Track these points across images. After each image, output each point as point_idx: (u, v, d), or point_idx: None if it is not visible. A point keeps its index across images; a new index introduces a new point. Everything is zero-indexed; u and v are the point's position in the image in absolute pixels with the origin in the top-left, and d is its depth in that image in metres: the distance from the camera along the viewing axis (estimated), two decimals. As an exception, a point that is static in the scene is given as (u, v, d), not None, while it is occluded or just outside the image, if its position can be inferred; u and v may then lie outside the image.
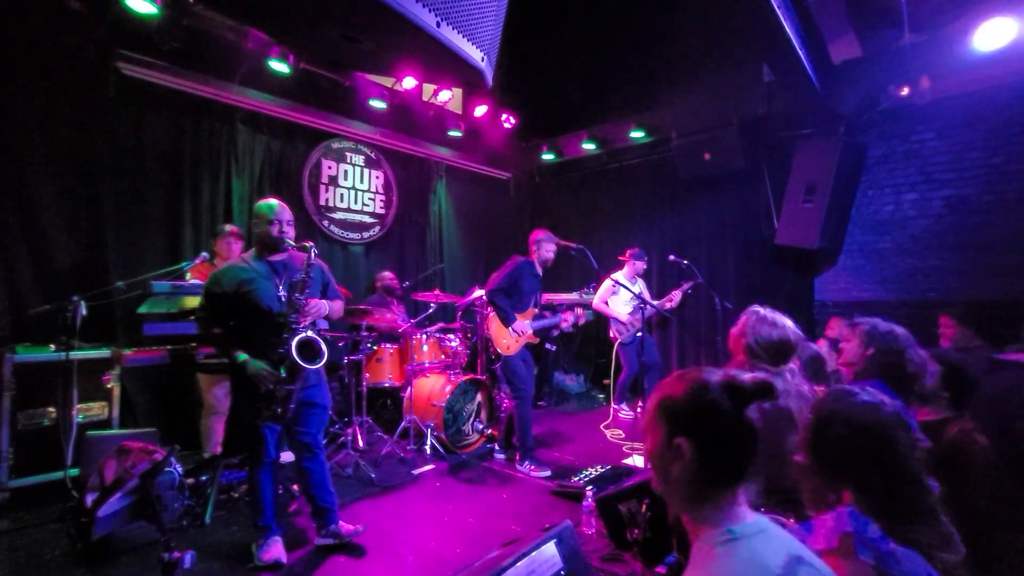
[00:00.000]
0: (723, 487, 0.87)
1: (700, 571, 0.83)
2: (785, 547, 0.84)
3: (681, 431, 0.89)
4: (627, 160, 6.41)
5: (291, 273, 2.47)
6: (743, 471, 0.88)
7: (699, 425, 0.88)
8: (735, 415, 0.87)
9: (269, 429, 2.44)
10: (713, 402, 0.87)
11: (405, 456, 3.87)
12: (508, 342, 3.76)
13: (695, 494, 0.89)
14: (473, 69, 1.00)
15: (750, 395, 0.87)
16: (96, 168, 3.70)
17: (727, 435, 0.87)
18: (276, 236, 2.43)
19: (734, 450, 0.87)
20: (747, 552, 0.82)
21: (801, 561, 0.83)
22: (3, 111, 3.33)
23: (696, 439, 0.87)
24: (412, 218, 6.05)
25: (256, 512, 2.51)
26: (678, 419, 0.90)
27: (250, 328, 2.39)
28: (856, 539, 1.07)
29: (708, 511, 0.87)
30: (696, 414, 0.89)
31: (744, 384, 0.87)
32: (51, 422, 3.07)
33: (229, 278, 2.38)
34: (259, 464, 2.48)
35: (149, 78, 3.89)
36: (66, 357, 3.02)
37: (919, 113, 4.44)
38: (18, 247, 3.40)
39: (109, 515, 1.82)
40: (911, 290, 4.55)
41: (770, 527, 0.87)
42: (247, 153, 4.56)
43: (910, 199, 4.58)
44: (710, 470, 0.87)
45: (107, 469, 1.90)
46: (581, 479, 3.28)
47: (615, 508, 2.51)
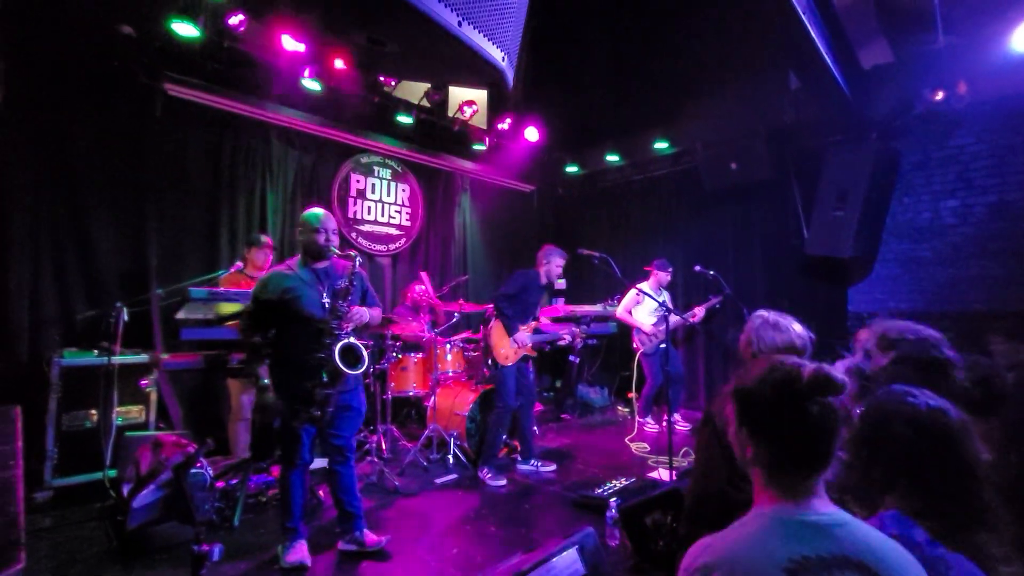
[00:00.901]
0: (793, 475, 0.89)
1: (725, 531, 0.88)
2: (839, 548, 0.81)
3: (745, 419, 0.94)
4: (651, 171, 6.39)
5: (333, 280, 2.53)
6: (811, 462, 0.88)
7: (758, 417, 0.92)
8: (793, 409, 0.87)
9: (305, 431, 2.48)
10: (773, 395, 0.89)
11: (428, 465, 3.88)
12: (507, 352, 3.76)
13: (767, 476, 0.92)
14: (494, 69, 1.04)
15: (807, 388, 0.87)
16: (142, 182, 3.91)
17: (785, 427, 0.88)
18: (322, 244, 2.49)
19: (796, 442, 0.88)
20: (767, 535, 0.83)
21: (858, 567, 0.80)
22: (60, 129, 3.57)
23: (756, 429, 0.92)
24: (437, 230, 6.15)
25: (285, 513, 2.54)
26: (743, 408, 0.95)
27: (292, 333, 2.44)
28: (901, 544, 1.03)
29: (778, 493, 0.90)
30: (758, 405, 0.92)
31: (800, 377, 0.88)
32: (92, 424, 3.21)
33: (275, 284, 2.46)
34: (292, 466, 2.51)
35: (192, 98, 4.11)
36: (108, 361, 3.17)
37: (957, 117, 4.30)
38: (68, 257, 3.61)
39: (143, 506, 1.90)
40: (952, 300, 4.36)
41: (839, 524, 0.85)
42: (280, 167, 4.74)
43: (950, 206, 4.41)
44: (776, 458, 0.90)
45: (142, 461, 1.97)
46: (605, 491, 3.23)
47: (640, 519, 2.46)
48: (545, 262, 3.87)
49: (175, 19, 3.50)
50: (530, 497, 3.42)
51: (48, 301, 3.51)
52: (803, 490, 0.88)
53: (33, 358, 3.35)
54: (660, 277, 5.08)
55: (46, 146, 3.52)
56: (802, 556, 0.79)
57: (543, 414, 5.74)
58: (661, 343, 5.03)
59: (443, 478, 3.68)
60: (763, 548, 0.81)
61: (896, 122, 4.51)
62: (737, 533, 0.87)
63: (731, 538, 0.86)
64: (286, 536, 2.52)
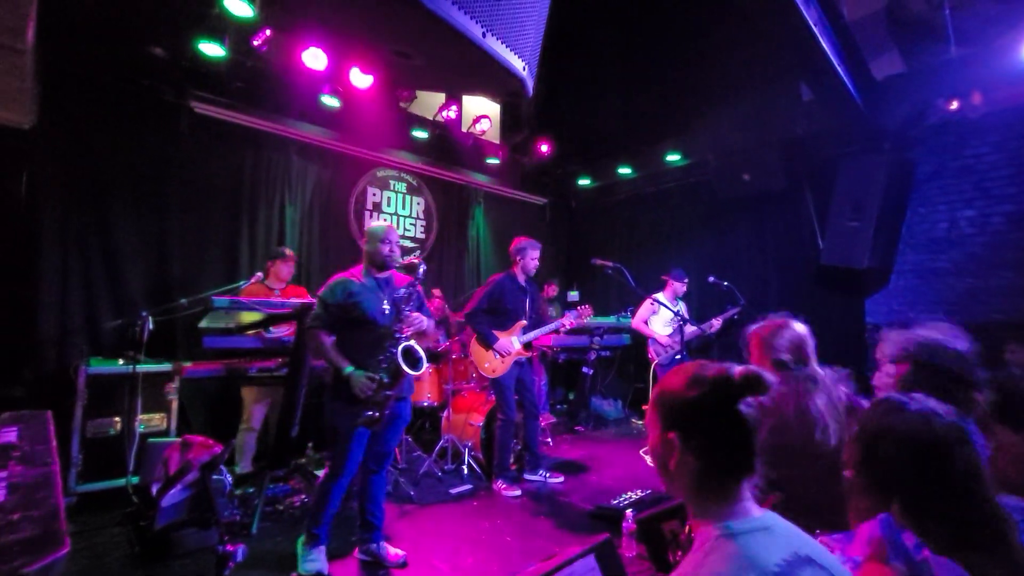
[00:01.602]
0: (722, 481, 0.86)
1: (689, 568, 0.80)
2: (791, 546, 0.81)
3: (672, 426, 0.88)
4: (664, 184, 6.42)
5: (394, 291, 2.65)
6: (741, 466, 0.86)
7: (689, 420, 0.88)
8: (725, 410, 0.85)
9: (358, 441, 2.50)
10: (702, 396, 0.86)
11: (443, 476, 3.89)
12: (492, 364, 3.69)
13: (694, 487, 0.87)
14: (515, 78, 1.08)
15: (738, 389, 0.85)
16: (166, 196, 4.04)
17: (718, 430, 0.86)
18: (386, 255, 2.63)
19: (727, 445, 0.86)
20: (742, 549, 0.79)
21: (809, 561, 0.80)
22: (89, 147, 3.71)
23: (687, 434, 0.87)
24: (451, 243, 6.23)
25: (313, 518, 2.53)
26: (670, 413, 0.90)
27: (355, 337, 2.54)
28: (888, 546, 1.02)
29: (709, 505, 0.86)
30: (686, 409, 0.88)
31: (732, 377, 0.86)
32: (116, 431, 3.28)
33: (341, 289, 2.56)
34: (338, 474, 2.51)
35: (216, 115, 4.26)
36: (133, 369, 3.25)
37: (972, 127, 4.28)
38: (95, 269, 3.73)
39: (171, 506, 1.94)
40: (973, 312, 4.29)
41: (777, 524, 0.85)
42: (300, 181, 4.87)
43: (967, 216, 4.37)
44: (705, 464, 0.86)
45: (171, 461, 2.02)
46: (620, 502, 3.21)
47: (657, 529, 2.43)
48: (519, 258, 3.75)
49: (202, 39, 3.64)
50: (545, 508, 3.41)
51: (76, 312, 3.62)
52: (736, 496, 0.85)
53: (61, 366, 3.45)
54: (676, 287, 5.06)
55: (76, 163, 3.66)
56: (782, 560, 0.77)
57: (556, 426, 5.71)
58: (676, 354, 5.00)
59: (458, 488, 3.68)
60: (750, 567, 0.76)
61: (910, 132, 4.50)
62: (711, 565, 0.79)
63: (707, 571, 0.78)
64: (308, 541, 2.52)
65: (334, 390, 2.54)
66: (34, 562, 0.82)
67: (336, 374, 2.50)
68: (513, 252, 3.81)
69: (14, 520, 0.97)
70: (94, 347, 3.60)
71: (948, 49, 4.32)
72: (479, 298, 3.73)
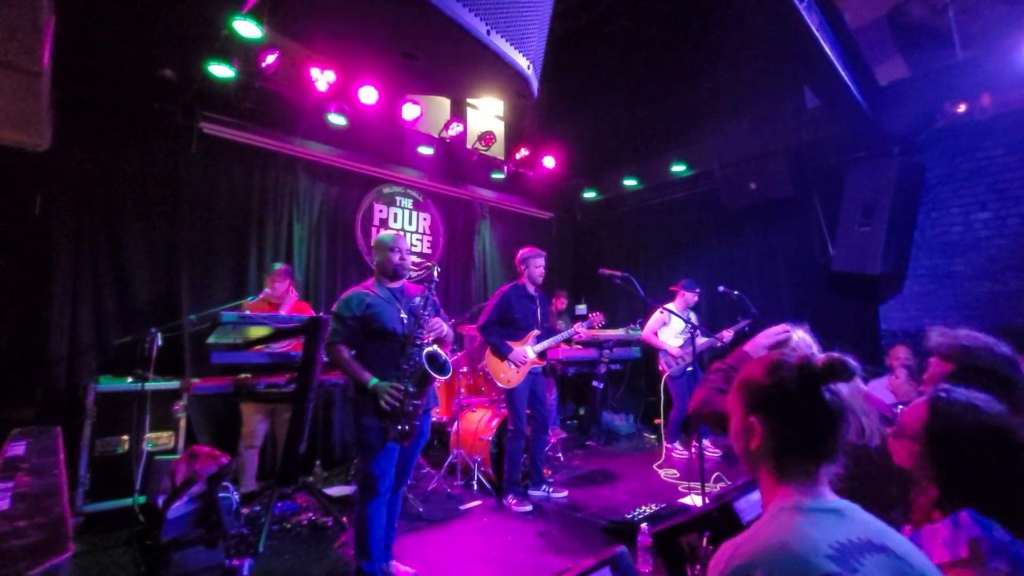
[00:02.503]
0: (801, 464, 0.88)
1: (748, 532, 0.83)
2: (864, 533, 0.80)
3: (754, 410, 0.93)
4: (670, 194, 6.40)
5: (409, 300, 2.61)
6: (820, 451, 0.88)
7: (771, 405, 0.92)
8: (808, 396, 0.87)
9: (389, 456, 2.39)
10: (784, 382, 0.90)
11: (452, 492, 3.81)
12: (507, 375, 3.65)
13: (774, 468, 0.91)
14: (521, 77, 1.08)
15: (820, 375, 0.87)
16: (176, 215, 4.09)
17: (798, 415, 0.89)
18: (396, 263, 2.58)
19: (807, 430, 0.89)
20: (801, 524, 0.81)
21: (882, 550, 0.78)
22: (101, 169, 3.78)
23: (769, 418, 0.91)
24: (458, 258, 6.23)
25: (361, 552, 2.34)
26: (752, 399, 0.95)
27: (375, 350, 2.48)
28: (986, 544, 0.98)
29: (786, 485, 0.89)
30: (768, 394, 0.92)
31: (814, 364, 0.88)
32: (124, 450, 3.26)
33: (357, 302, 2.50)
34: (374, 493, 2.35)
35: (225, 135, 4.32)
36: (142, 387, 3.24)
37: (983, 129, 4.24)
38: (105, 287, 3.76)
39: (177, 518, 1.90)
40: (994, 316, 4.18)
41: (853, 512, 0.85)
42: (307, 199, 4.91)
43: (982, 218, 4.30)
44: (785, 447, 0.90)
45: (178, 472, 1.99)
46: (635, 516, 3.11)
47: (675, 543, 2.35)
48: (524, 268, 3.77)
49: (211, 61, 3.72)
50: (557, 523, 3.32)
51: (85, 330, 3.63)
52: (813, 479, 0.88)
53: (71, 385, 3.46)
54: (687, 297, 4.99)
55: (88, 184, 3.72)
56: (838, 543, 0.77)
57: (567, 441, 5.61)
58: (688, 366, 4.92)
59: (467, 504, 3.60)
60: (803, 539, 0.78)
61: (918, 136, 4.47)
62: (768, 530, 0.83)
63: (763, 535, 0.82)
64: None
65: (361, 404, 2.43)
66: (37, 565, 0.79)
67: (360, 388, 2.41)
68: (518, 262, 3.83)
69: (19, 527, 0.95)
70: (103, 365, 3.61)
71: (953, 53, 4.31)
72: (489, 310, 3.72)
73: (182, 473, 1.90)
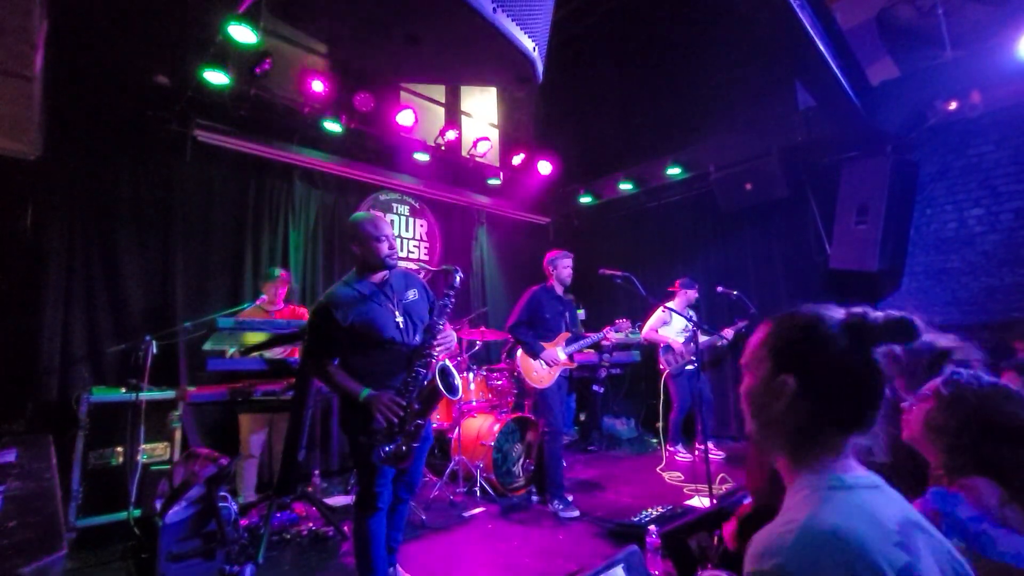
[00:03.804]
0: (832, 433, 0.78)
1: (799, 514, 0.71)
2: (902, 509, 0.75)
3: (789, 367, 0.80)
4: (666, 197, 6.42)
5: (401, 295, 2.24)
6: (858, 418, 0.78)
7: (810, 362, 0.79)
8: (856, 354, 0.77)
9: (386, 474, 2.13)
10: (830, 337, 0.78)
11: (455, 499, 3.75)
12: (540, 375, 3.64)
13: (798, 437, 0.79)
14: (526, 60, 1.06)
15: (879, 334, 0.76)
16: (170, 223, 4.05)
17: (843, 376, 0.77)
18: (386, 254, 2.15)
19: (850, 393, 0.77)
20: (861, 503, 0.71)
21: (919, 527, 0.73)
22: (94, 176, 3.74)
23: (805, 377, 0.78)
24: (455, 264, 6.19)
25: (363, 568, 2.10)
26: (787, 353, 0.81)
27: (364, 358, 2.13)
28: (945, 521, 1.00)
29: (814, 456, 0.78)
30: (808, 350, 0.79)
31: (873, 321, 0.77)
32: (118, 461, 3.18)
33: (340, 310, 2.09)
34: (372, 509, 2.10)
35: (220, 143, 4.30)
36: (136, 397, 3.17)
37: (974, 127, 4.29)
38: (99, 296, 3.70)
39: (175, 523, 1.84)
40: (991, 311, 4.20)
41: (885, 486, 0.77)
42: (303, 206, 4.88)
43: (976, 215, 4.33)
44: (819, 412, 0.78)
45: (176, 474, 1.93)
46: (642, 518, 3.07)
47: (684, 543, 2.31)
48: (552, 269, 3.78)
49: (206, 67, 3.70)
50: (563, 528, 3.26)
51: (78, 339, 3.57)
52: (842, 449, 0.77)
53: (63, 397, 3.38)
54: (687, 296, 4.99)
55: (81, 193, 3.68)
56: (897, 524, 0.70)
57: (568, 446, 5.56)
58: (687, 364, 4.90)
59: (471, 511, 3.54)
60: (868, 524, 0.68)
61: (911, 134, 4.51)
62: (827, 510, 0.70)
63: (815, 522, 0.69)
64: None
65: (352, 420, 2.10)
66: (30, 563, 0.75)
67: (349, 402, 2.07)
68: (546, 264, 3.84)
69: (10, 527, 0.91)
70: (97, 376, 3.54)
71: (941, 53, 4.37)
72: (519, 310, 3.70)
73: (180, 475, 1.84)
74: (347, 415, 2.15)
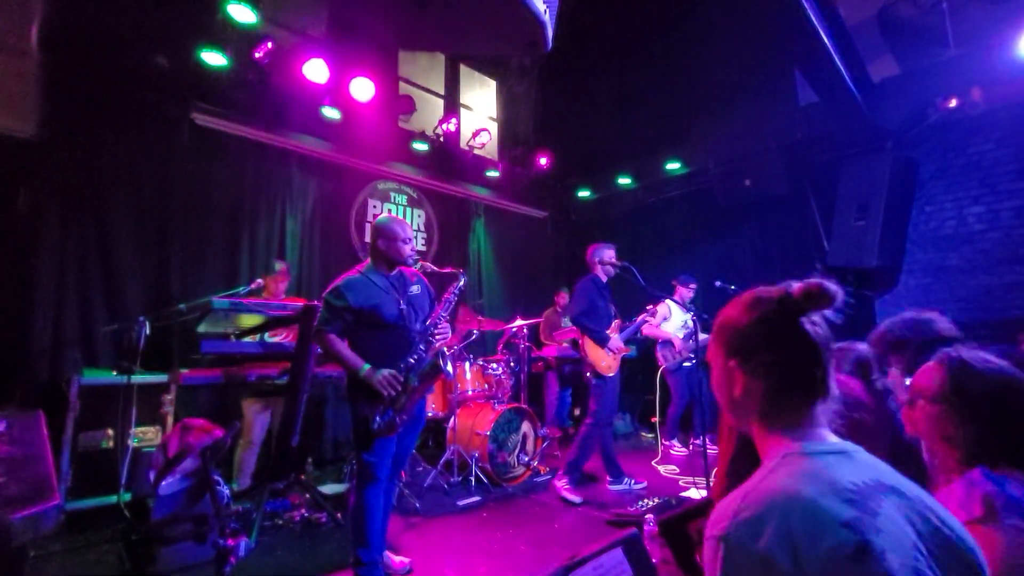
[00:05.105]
0: (792, 403, 0.81)
1: (754, 481, 0.75)
2: (873, 473, 0.74)
3: (734, 352, 0.85)
4: (665, 193, 6.41)
5: (407, 287, 2.50)
6: (809, 386, 0.81)
7: (750, 342, 0.84)
8: (788, 326, 0.81)
9: (385, 445, 2.30)
10: (761, 317, 0.83)
11: (449, 488, 3.72)
12: (608, 363, 3.69)
13: (764, 411, 0.83)
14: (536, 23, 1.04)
15: (801, 304, 0.80)
16: (166, 206, 3.99)
17: (780, 349, 0.81)
18: (408, 254, 2.44)
19: (792, 363, 0.81)
20: (814, 466, 0.73)
21: (894, 491, 0.72)
22: (89, 157, 3.67)
23: (750, 360, 0.83)
24: (452, 255, 6.17)
25: (359, 539, 2.23)
26: (731, 340, 0.87)
27: (370, 340, 2.35)
28: (1000, 499, 0.95)
29: (780, 428, 0.81)
30: (746, 332, 0.84)
31: (791, 294, 0.82)
32: (109, 444, 3.14)
33: (353, 292, 2.34)
34: (372, 480, 2.26)
35: (218, 127, 4.23)
36: (127, 380, 3.12)
37: (974, 124, 4.30)
38: (92, 278, 3.64)
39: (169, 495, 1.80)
40: (989, 308, 4.21)
41: (859, 453, 0.78)
42: (300, 193, 4.83)
43: (975, 212, 4.34)
44: (771, 386, 0.82)
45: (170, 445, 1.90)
46: (639, 508, 3.05)
47: (682, 530, 2.29)
48: (597, 260, 3.83)
49: (205, 48, 3.65)
50: (559, 518, 3.25)
51: (70, 321, 3.51)
52: (810, 420, 0.80)
53: (53, 377, 3.32)
54: (683, 292, 5.00)
55: (75, 173, 3.60)
56: (854, 484, 0.70)
57: (563, 440, 5.54)
58: (684, 360, 4.89)
59: (465, 500, 3.52)
60: (817, 483, 0.70)
61: (911, 132, 4.52)
62: (775, 478, 0.73)
63: (771, 484, 0.72)
64: (360, 571, 2.21)
65: (355, 393, 2.32)
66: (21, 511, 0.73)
67: (353, 377, 2.29)
68: (591, 255, 3.87)
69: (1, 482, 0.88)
70: (88, 358, 3.49)
71: (942, 51, 4.38)
72: (581, 300, 3.72)
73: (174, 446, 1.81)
74: (353, 389, 2.34)
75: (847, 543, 0.63)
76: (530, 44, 1.08)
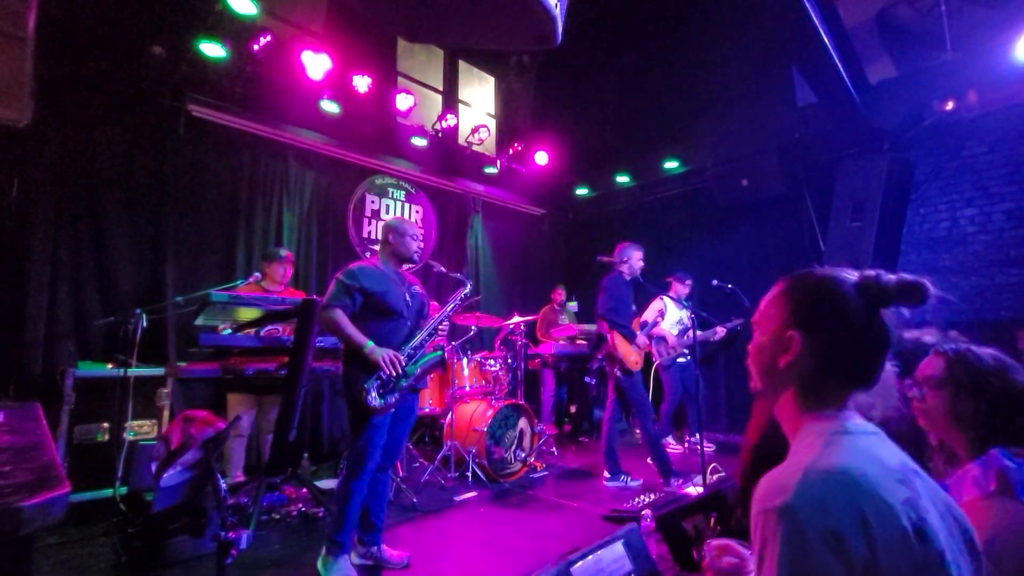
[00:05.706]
0: (836, 387, 0.81)
1: (805, 457, 0.73)
2: (899, 455, 0.77)
3: (799, 322, 0.83)
4: (663, 191, 6.43)
5: (410, 285, 2.69)
6: (863, 377, 0.81)
7: (823, 320, 0.81)
8: (865, 315, 0.79)
9: (378, 433, 2.38)
10: (841, 297, 0.80)
11: (446, 484, 3.73)
12: (636, 358, 3.83)
13: (803, 389, 0.82)
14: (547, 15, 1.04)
15: (891, 296, 0.79)
16: (162, 198, 3.95)
17: (850, 334, 0.79)
18: (415, 251, 2.68)
19: (856, 352, 0.80)
20: (865, 446, 0.74)
21: (916, 472, 0.75)
22: (84, 147, 3.63)
23: (814, 335, 0.81)
24: (450, 251, 6.17)
25: (336, 524, 2.35)
26: (798, 310, 0.84)
27: (376, 327, 2.48)
28: (1014, 475, 1.00)
29: (817, 408, 0.81)
30: (819, 308, 0.82)
31: (885, 283, 0.79)
32: (104, 437, 3.12)
33: (367, 277, 2.51)
34: (360, 471, 2.35)
35: (214, 119, 4.20)
36: (124, 373, 3.10)
37: (969, 128, 4.34)
38: (87, 269, 3.61)
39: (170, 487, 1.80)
40: (980, 310, 4.27)
41: (883, 434, 0.80)
42: (298, 187, 4.80)
43: (968, 215, 4.39)
44: (825, 368, 0.81)
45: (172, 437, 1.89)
46: (636, 504, 3.08)
47: (679, 526, 2.31)
48: (624, 259, 3.91)
49: (202, 39, 3.62)
50: (555, 514, 3.26)
51: (65, 313, 3.48)
52: (845, 403, 0.80)
53: (48, 370, 3.30)
54: (679, 289, 5.02)
55: (70, 164, 3.57)
56: (895, 465, 0.73)
57: (559, 437, 5.58)
58: (678, 357, 4.92)
59: (463, 496, 3.53)
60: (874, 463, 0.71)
61: (907, 134, 4.55)
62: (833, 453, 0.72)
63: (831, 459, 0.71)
64: (331, 551, 2.33)
65: (352, 372, 2.40)
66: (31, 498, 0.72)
67: (353, 352, 2.39)
68: (617, 254, 3.96)
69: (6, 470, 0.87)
70: (83, 351, 3.45)
71: (939, 54, 4.42)
72: (608, 298, 3.81)
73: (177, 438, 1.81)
74: (349, 369, 2.42)
75: (913, 523, 0.66)
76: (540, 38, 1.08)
